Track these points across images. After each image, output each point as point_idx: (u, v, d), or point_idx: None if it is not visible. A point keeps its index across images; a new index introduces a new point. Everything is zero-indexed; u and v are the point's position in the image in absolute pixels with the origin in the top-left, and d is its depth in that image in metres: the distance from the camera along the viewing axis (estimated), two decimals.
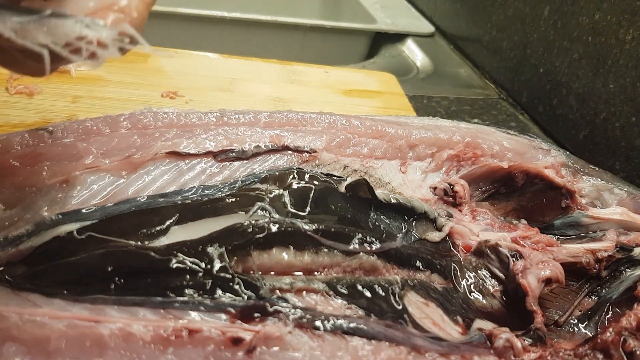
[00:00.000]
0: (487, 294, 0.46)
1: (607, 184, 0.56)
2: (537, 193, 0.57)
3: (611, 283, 0.48)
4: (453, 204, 0.53)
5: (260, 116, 0.51)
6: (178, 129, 0.47)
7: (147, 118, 0.47)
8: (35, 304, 0.34)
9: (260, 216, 0.40)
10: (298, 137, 0.49)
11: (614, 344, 0.39)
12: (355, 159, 0.51)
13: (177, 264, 0.35)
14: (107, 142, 0.44)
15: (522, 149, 0.57)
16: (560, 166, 0.57)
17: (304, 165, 0.47)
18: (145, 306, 0.34)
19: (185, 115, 0.49)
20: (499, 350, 0.38)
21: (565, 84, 0.80)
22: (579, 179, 0.56)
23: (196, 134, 0.47)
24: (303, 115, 0.52)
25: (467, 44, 1.05)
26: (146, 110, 0.48)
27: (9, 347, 0.32)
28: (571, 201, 0.55)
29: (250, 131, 0.49)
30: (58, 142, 0.43)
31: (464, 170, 0.55)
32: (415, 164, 0.53)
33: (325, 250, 0.40)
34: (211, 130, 0.47)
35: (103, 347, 0.32)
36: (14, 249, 0.37)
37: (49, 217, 0.38)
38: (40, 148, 0.42)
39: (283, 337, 0.33)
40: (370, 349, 0.35)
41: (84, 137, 0.44)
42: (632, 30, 0.69)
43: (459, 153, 0.54)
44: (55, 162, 0.41)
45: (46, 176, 0.40)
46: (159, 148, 0.44)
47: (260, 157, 0.47)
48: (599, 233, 0.54)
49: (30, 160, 0.41)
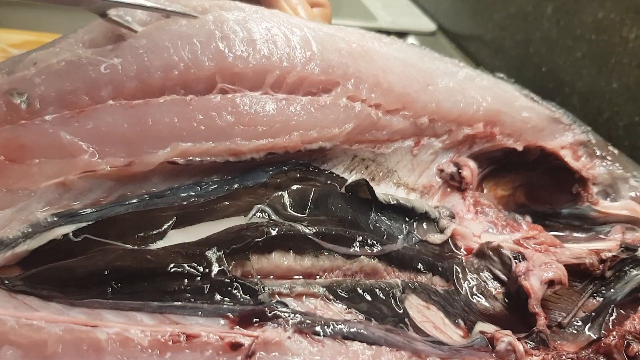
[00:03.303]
0: (489, 296, 0.45)
1: (624, 173, 0.54)
2: (549, 171, 0.55)
3: (616, 284, 0.48)
4: (458, 188, 0.52)
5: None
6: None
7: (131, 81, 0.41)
8: (32, 307, 0.34)
9: (259, 219, 0.40)
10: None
11: (617, 347, 0.39)
12: (368, 145, 0.48)
13: (175, 267, 0.35)
14: (94, 132, 0.40)
15: (540, 125, 0.54)
16: (579, 145, 0.55)
17: (311, 161, 0.46)
18: (142, 310, 0.34)
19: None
20: (500, 353, 0.38)
21: (569, 83, 0.79)
22: (595, 163, 0.54)
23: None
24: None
25: (469, 42, 1.05)
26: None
27: (5, 350, 0.31)
28: (583, 189, 0.54)
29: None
30: (39, 127, 0.39)
31: (477, 147, 0.53)
32: (430, 141, 0.51)
33: (325, 253, 0.39)
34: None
35: (100, 351, 0.32)
36: (9, 252, 0.36)
37: (45, 219, 0.38)
38: (22, 132, 0.39)
39: (282, 342, 0.33)
40: (370, 354, 0.34)
41: (67, 117, 0.40)
42: (635, 29, 0.68)
43: (476, 133, 0.52)
44: (46, 160, 0.39)
45: (38, 177, 0.39)
46: (159, 157, 0.40)
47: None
48: (606, 227, 0.53)
49: (14, 152, 0.39)
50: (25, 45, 0.66)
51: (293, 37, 0.45)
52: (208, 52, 0.42)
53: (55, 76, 0.41)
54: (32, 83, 0.40)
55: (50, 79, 0.41)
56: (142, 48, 0.41)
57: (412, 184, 0.51)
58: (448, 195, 0.52)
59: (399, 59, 0.50)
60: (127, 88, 0.41)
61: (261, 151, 0.42)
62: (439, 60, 0.54)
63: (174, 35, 0.42)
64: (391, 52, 0.51)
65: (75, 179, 0.39)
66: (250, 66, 0.43)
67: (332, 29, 0.49)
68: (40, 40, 0.64)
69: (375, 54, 0.49)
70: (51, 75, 0.41)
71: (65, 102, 0.41)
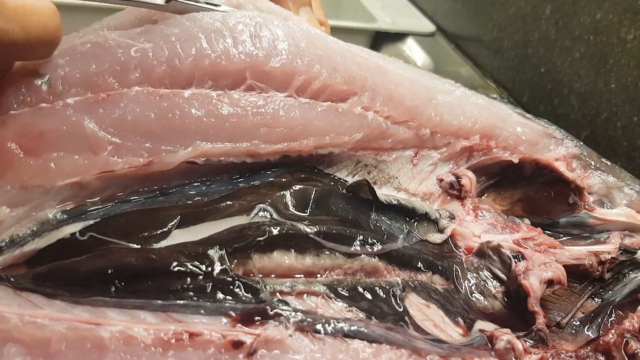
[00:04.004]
0: (488, 295, 0.46)
1: (618, 182, 0.55)
2: (546, 184, 0.56)
3: (614, 285, 0.48)
4: (458, 196, 0.53)
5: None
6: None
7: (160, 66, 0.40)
8: (36, 305, 0.34)
9: (261, 218, 0.40)
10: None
11: (616, 345, 0.39)
12: (371, 152, 0.50)
13: (178, 266, 0.35)
14: (119, 122, 0.39)
15: (535, 139, 0.56)
16: (572, 158, 0.56)
17: (317, 164, 0.47)
18: (145, 309, 0.34)
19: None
20: (500, 352, 0.38)
21: (567, 84, 0.80)
22: (590, 174, 0.55)
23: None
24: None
25: (468, 43, 1.05)
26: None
27: (9, 348, 0.32)
28: (579, 198, 0.54)
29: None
30: (61, 112, 0.38)
31: (474, 160, 0.55)
32: (429, 153, 0.52)
33: (326, 252, 0.40)
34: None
35: (103, 349, 0.32)
36: (18, 250, 0.37)
37: (54, 216, 0.38)
38: (41, 118, 0.37)
39: (284, 340, 0.33)
40: (371, 352, 0.35)
41: (91, 102, 0.38)
42: (633, 30, 0.68)
43: (473, 145, 0.53)
44: (64, 155, 0.38)
45: (55, 175, 0.38)
46: (180, 157, 0.40)
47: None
48: (604, 234, 0.53)
49: (32, 142, 0.37)
50: None
51: (319, 45, 0.47)
52: (241, 47, 0.43)
53: (80, 57, 0.40)
54: (55, 64, 0.39)
55: (75, 60, 0.40)
56: (174, 35, 0.42)
57: (412, 190, 0.52)
58: (448, 203, 0.53)
59: (404, 76, 0.53)
60: (155, 73, 0.41)
61: (277, 154, 0.44)
62: (437, 80, 0.57)
63: (208, 28, 0.43)
64: (396, 69, 0.53)
65: (92, 179, 0.39)
66: (279, 66, 0.44)
67: (345, 44, 0.51)
68: None
69: (386, 68, 0.51)
70: (76, 57, 0.40)
71: (90, 84, 0.39)
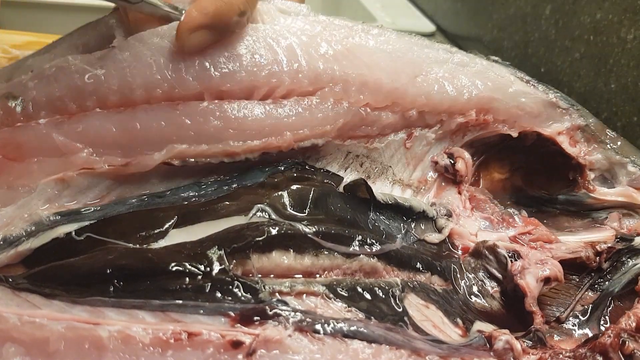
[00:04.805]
0: (486, 295, 0.46)
1: (622, 158, 0.54)
2: (546, 156, 0.55)
3: (613, 275, 0.48)
4: (453, 180, 0.53)
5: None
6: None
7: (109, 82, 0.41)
8: (34, 305, 0.34)
9: (260, 218, 0.40)
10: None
11: (612, 346, 0.39)
12: (361, 141, 0.48)
13: (176, 266, 0.35)
14: (83, 135, 0.40)
15: (536, 110, 0.53)
16: (576, 130, 0.54)
17: (305, 159, 0.46)
18: (144, 309, 0.34)
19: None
20: (498, 352, 0.38)
21: (567, 84, 0.80)
22: (593, 149, 0.54)
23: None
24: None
25: (468, 43, 1.05)
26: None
27: (7, 348, 0.32)
28: (579, 176, 0.54)
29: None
30: (34, 128, 0.40)
31: (471, 135, 0.53)
32: (423, 132, 0.51)
33: (325, 252, 0.40)
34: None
35: (102, 349, 0.32)
36: (13, 250, 0.37)
37: (47, 217, 0.38)
38: (18, 134, 0.40)
39: (283, 340, 0.33)
40: (370, 352, 0.35)
41: (58, 120, 0.41)
42: (633, 30, 0.68)
43: (469, 121, 0.51)
44: (44, 159, 0.40)
45: (38, 174, 0.39)
46: (156, 159, 0.40)
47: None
48: (603, 214, 0.53)
49: (13, 152, 0.40)
50: (27, 46, 0.66)
51: (279, 48, 0.45)
52: (192, 70, 0.42)
53: (45, 81, 0.41)
54: (26, 87, 0.41)
55: (42, 83, 0.41)
56: (125, 61, 0.41)
57: (407, 180, 0.51)
58: (443, 190, 0.53)
59: (386, 52, 0.50)
60: (110, 101, 0.41)
61: (255, 151, 0.43)
62: (430, 48, 0.52)
63: (157, 51, 0.41)
64: (378, 45, 0.50)
65: (75, 175, 0.40)
66: (236, 84, 0.43)
67: (318, 28, 0.48)
68: (41, 41, 0.64)
69: (360, 50, 0.48)
70: (42, 80, 0.41)
71: (55, 107, 0.41)
